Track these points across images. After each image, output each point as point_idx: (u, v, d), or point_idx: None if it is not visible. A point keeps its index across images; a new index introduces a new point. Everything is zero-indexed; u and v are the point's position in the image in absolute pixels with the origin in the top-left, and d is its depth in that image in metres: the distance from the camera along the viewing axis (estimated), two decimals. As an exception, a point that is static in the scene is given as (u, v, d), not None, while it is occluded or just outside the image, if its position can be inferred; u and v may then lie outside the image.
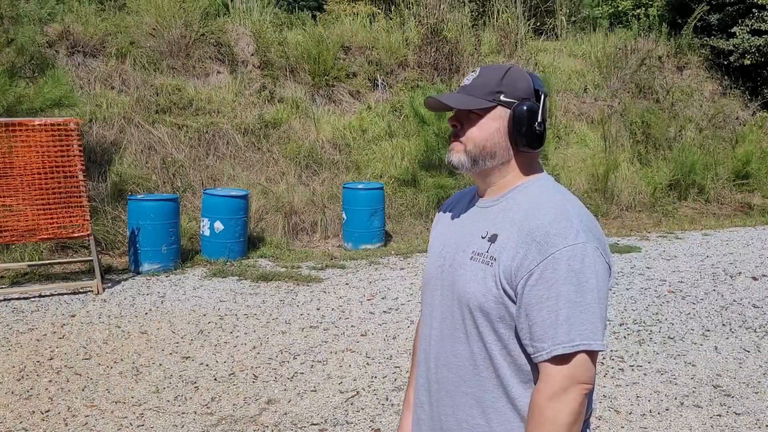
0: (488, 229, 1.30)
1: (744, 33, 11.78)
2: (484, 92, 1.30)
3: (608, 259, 1.26)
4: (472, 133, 1.31)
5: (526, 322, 1.21)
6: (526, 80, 1.31)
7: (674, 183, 10.15)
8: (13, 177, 5.35)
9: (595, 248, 1.21)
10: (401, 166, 8.71)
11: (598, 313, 1.19)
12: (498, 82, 1.30)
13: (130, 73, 8.52)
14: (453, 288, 1.33)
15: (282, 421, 3.36)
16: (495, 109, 1.30)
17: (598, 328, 1.18)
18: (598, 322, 1.19)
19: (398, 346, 4.45)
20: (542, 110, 1.30)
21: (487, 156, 1.31)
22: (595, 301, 1.19)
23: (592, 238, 1.22)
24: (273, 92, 9.26)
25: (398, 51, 10.44)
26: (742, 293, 5.85)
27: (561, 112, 10.66)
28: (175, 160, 7.89)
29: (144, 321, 4.88)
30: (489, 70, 1.33)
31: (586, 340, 1.17)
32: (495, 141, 1.30)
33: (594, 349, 1.18)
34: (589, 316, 1.18)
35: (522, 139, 1.29)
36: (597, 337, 1.18)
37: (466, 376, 1.31)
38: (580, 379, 1.18)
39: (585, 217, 1.26)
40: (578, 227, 1.21)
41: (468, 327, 1.30)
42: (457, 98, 1.32)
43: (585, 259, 1.19)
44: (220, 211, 6.57)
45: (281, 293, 5.66)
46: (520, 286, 1.21)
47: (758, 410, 3.56)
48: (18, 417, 3.37)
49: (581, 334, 1.17)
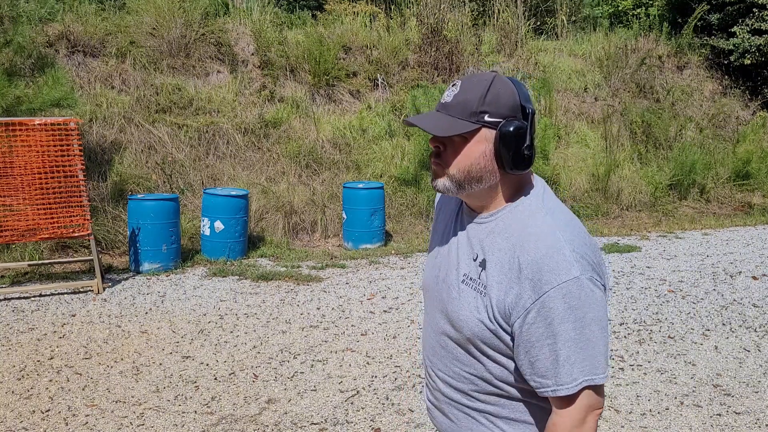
0: (477, 252, 1.27)
1: (744, 32, 11.78)
2: (465, 113, 1.20)
3: (604, 281, 1.22)
4: (456, 160, 1.23)
5: (526, 358, 1.20)
6: (512, 94, 1.21)
7: (674, 182, 10.15)
8: (13, 177, 5.36)
9: (590, 278, 1.16)
10: (401, 165, 8.71)
11: (599, 345, 1.17)
12: (481, 100, 1.19)
13: (130, 73, 8.52)
14: (446, 309, 1.32)
15: (282, 421, 3.36)
16: (479, 132, 1.20)
17: (600, 362, 1.16)
18: (600, 356, 1.17)
19: (398, 346, 4.45)
20: (530, 130, 1.21)
21: (473, 181, 1.23)
22: (595, 333, 1.16)
23: (587, 268, 1.17)
24: (273, 92, 9.26)
25: (398, 50, 10.43)
26: (742, 293, 5.85)
27: (561, 112, 10.66)
28: (176, 160, 7.89)
29: (144, 320, 4.88)
30: (470, 85, 1.22)
31: (588, 375, 1.15)
32: (481, 166, 1.22)
33: (597, 383, 1.16)
34: (591, 351, 1.16)
35: (509, 163, 1.21)
36: (599, 371, 1.16)
37: (463, 390, 1.34)
38: (592, 407, 1.18)
39: (577, 241, 1.19)
40: (571, 259, 1.15)
41: (462, 348, 1.31)
42: (436, 122, 1.22)
43: (581, 294, 1.15)
44: (221, 211, 6.57)
45: (281, 293, 5.66)
46: (517, 325, 1.19)
47: (758, 410, 3.56)
48: (18, 416, 3.37)
49: (583, 370, 1.15)
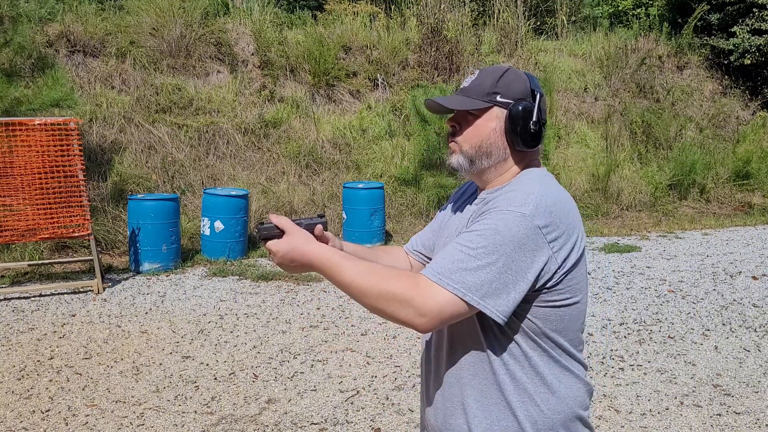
0: (475, 219, 1.33)
1: (744, 32, 11.78)
2: (480, 93, 1.33)
3: (559, 243, 1.21)
4: (468, 134, 1.35)
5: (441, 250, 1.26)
6: (523, 81, 1.34)
7: (674, 182, 10.15)
8: (13, 177, 5.36)
9: (537, 226, 1.18)
10: (401, 165, 8.71)
11: (495, 277, 1.16)
12: (494, 83, 1.33)
13: (130, 73, 8.52)
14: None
15: (282, 421, 3.36)
16: (491, 110, 1.33)
17: (477, 285, 1.16)
18: (489, 285, 1.16)
19: (398, 346, 4.45)
20: (537, 109, 1.32)
21: (483, 155, 1.34)
22: (500, 267, 1.16)
23: (542, 216, 1.19)
24: (273, 92, 9.26)
25: (398, 51, 10.43)
26: (742, 293, 5.85)
27: (561, 112, 10.66)
28: (176, 160, 7.89)
29: (144, 320, 4.88)
30: (487, 72, 1.36)
31: (457, 284, 1.16)
32: (491, 141, 1.33)
33: (457, 294, 1.16)
34: (483, 274, 1.16)
35: (517, 138, 1.31)
36: (469, 290, 1.16)
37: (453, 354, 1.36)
38: (443, 308, 1.17)
39: (550, 198, 1.23)
40: (532, 202, 1.20)
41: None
42: (454, 100, 1.36)
43: (516, 230, 1.17)
44: (221, 211, 6.57)
45: (281, 293, 5.66)
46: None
47: (758, 410, 3.56)
48: (18, 416, 3.37)
49: (463, 283, 1.16)
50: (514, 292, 1.18)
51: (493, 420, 1.29)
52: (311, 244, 1.29)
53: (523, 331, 1.26)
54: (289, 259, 1.30)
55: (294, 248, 1.29)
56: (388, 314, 1.19)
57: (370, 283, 1.19)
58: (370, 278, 1.20)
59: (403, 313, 1.17)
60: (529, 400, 1.28)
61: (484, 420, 1.30)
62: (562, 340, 1.29)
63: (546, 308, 1.25)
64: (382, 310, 1.19)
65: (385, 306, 1.18)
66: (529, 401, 1.28)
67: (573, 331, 1.31)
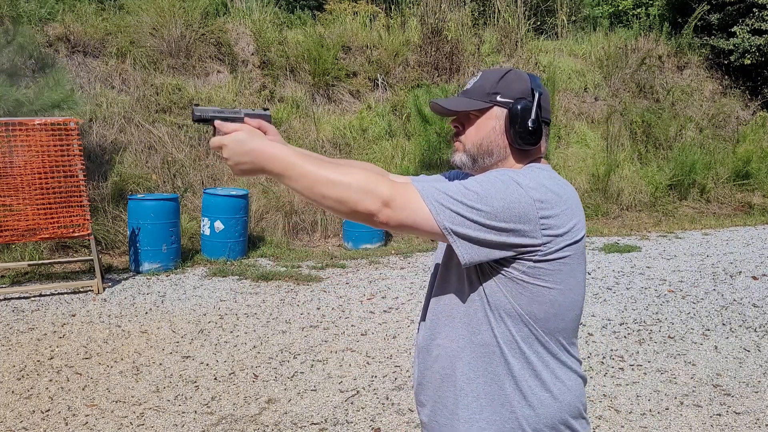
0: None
1: (744, 32, 11.78)
2: (481, 94, 1.38)
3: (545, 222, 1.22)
4: (470, 133, 1.39)
5: None
6: (524, 81, 1.37)
7: (674, 182, 10.15)
8: (13, 176, 5.36)
9: (532, 198, 1.20)
10: (401, 165, 8.71)
11: (471, 216, 1.18)
12: (495, 84, 1.37)
13: (130, 73, 8.52)
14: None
15: (282, 421, 3.36)
16: (491, 109, 1.37)
17: (453, 218, 1.18)
18: (464, 223, 1.18)
19: (398, 346, 4.45)
20: (536, 108, 1.34)
21: (485, 154, 1.38)
22: (481, 212, 1.18)
23: (538, 192, 1.21)
24: (273, 92, 9.26)
25: (399, 51, 10.43)
26: (742, 293, 5.85)
27: (561, 112, 10.66)
28: (176, 160, 7.89)
29: (144, 320, 4.88)
30: (489, 74, 1.40)
31: (437, 206, 1.19)
32: (491, 139, 1.37)
33: (433, 213, 1.19)
34: (460, 206, 1.18)
35: (517, 137, 1.34)
36: (447, 218, 1.18)
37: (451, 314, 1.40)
38: (406, 205, 1.18)
39: (552, 185, 1.26)
40: (533, 180, 1.23)
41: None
42: (455, 102, 1.40)
43: (511, 191, 1.20)
44: (221, 211, 6.57)
45: (281, 293, 5.66)
46: None
47: (758, 410, 3.56)
48: (18, 416, 3.37)
49: (439, 200, 1.19)
50: (487, 245, 1.20)
51: (490, 414, 1.31)
52: (273, 144, 1.27)
53: (515, 317, 1.27)
54: (244, 155, 1.27)
55: (254, 147, 1.26)
56: (351, 204, 1.18)
57: (340, 172, 1.19)
58: (341, 169, 1.20)
59: (369, 201, 1.17)
60: (525, 396, 1.29)
61: (481, 416, 1.32)
62: (555, 330, 1.29)
63: (532, 286, 1.26)
64: (344, 199, 1.18)
65: (353, 194, 1.17)
66: (525, 397, 1.29)
67: (566, 321, 1.31)
